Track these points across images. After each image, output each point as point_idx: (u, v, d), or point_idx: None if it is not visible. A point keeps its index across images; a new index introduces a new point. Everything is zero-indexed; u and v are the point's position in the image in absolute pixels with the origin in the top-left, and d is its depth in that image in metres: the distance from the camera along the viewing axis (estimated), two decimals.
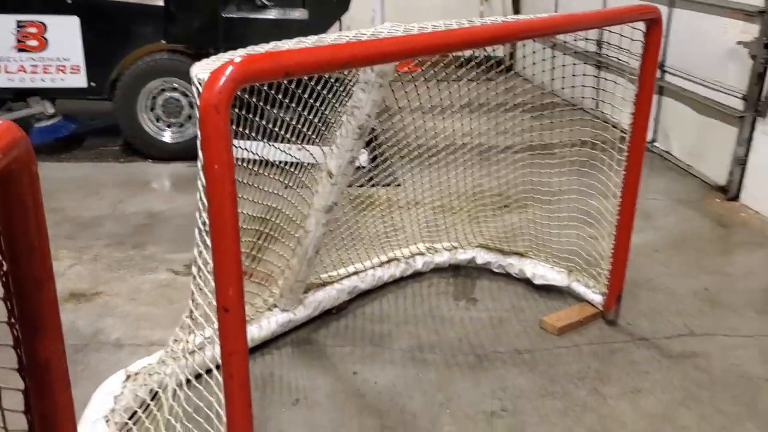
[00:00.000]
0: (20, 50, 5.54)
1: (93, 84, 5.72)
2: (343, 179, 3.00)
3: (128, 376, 2.84)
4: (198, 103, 1.68)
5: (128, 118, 5.78)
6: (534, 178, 4.10)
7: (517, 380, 3.13)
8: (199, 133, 1.71)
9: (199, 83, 1.81)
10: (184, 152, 5.85)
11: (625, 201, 3.35)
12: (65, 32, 5.52)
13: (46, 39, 5.52)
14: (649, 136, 5.92)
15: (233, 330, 1.82)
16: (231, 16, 5.64)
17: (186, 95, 5.79)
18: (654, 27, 3.01)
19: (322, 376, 3.15)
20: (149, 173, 5.72)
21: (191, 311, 2.42)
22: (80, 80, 5.68)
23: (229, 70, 1.62)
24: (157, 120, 5.86)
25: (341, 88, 3.08)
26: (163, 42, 5.70)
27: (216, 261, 1.75)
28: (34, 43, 5.53)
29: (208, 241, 1.84)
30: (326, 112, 3.16)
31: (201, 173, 1.88)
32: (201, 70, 1.88)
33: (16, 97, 5.95)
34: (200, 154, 1.78)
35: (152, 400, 2.75)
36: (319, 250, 3.28)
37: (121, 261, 4.21)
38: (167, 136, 5.88)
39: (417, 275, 3.98)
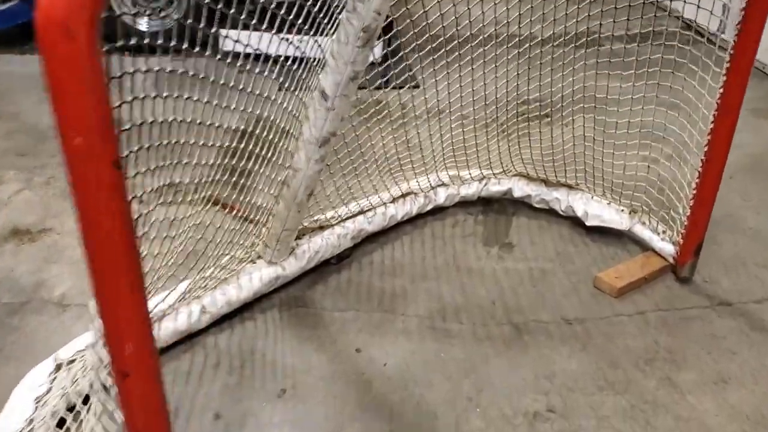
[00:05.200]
0: None
1: None
2: (342, 102, 2.19)
3: (58, 366, 2.16)
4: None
5: None
6: (587, 81, 3.20)
7: (567, 363, 2.43)
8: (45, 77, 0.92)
9: None
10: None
11: (721, 121, 2.53)
12: None
13: None
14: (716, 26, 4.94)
15: (141, 402, 1.09)
16: None
17: None
18: None
19: (317, 354, 2.46)
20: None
21: None
22: None
23: None
24: (134, 5, 4.94)
25: None
26: None
27: (102, 304, 1.00)
28: None
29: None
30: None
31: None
32: None
33: None
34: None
35: (85, 404, 2.07)
36: (313, 192, 2.51)
37: None
38: (144, 24, 4.98)
39: (438, 211, 3.21)
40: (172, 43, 1.66)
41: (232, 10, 1.81)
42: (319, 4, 2.12)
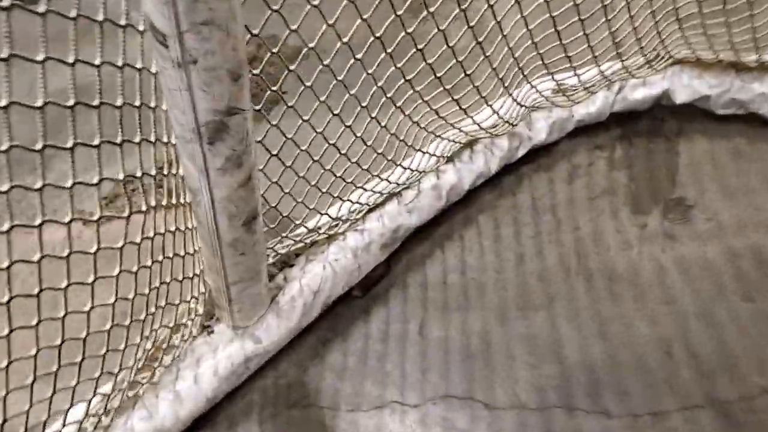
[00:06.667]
0: None
1: None
2: (202, 42, 0.84)
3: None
4: None
5: None
6: None
7: None
8: None
9: None
10: None
11: None
12: None
13: None
14: None
15: None
16: None
17: None
18: None
19: None
20: None
21: None
22: None
23: None
24: None
25: None
26: None
27: None
28: None
29: None
30: None
31: None
32: None
33: None
34: None
35: None
36: (257, 217, 1.21)
37: None
38: None
39: (540, 155, 1.81)
40: None
41: None
42: None
